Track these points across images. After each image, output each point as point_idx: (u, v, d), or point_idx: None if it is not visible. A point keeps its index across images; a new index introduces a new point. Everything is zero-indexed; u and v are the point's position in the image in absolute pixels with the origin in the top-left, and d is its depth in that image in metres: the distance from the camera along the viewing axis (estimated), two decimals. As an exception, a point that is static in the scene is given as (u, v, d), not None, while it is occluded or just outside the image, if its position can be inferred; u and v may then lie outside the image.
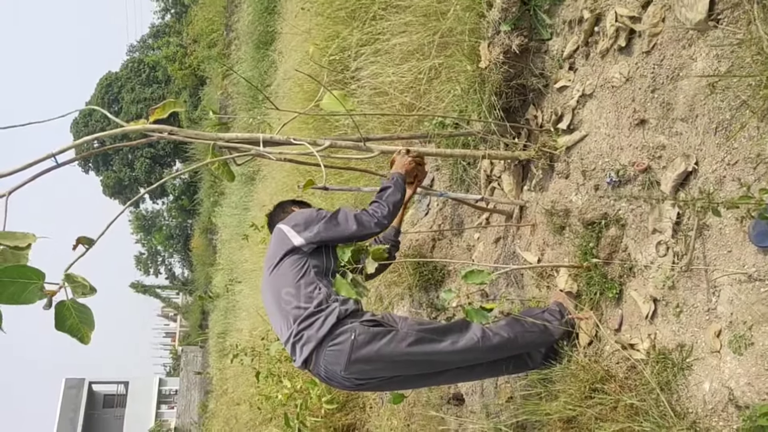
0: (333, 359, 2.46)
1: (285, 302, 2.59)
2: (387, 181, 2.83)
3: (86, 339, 1.71)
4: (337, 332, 2.46)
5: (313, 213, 2.77)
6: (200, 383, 21.28)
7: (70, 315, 1.67)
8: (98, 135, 2.09)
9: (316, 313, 2.50)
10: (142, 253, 43.13)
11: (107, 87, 34.62)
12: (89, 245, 1.72)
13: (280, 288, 2.63)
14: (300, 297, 2.56)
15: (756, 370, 1.94)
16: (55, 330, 1.70)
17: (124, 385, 34.54)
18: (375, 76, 4.41)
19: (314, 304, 2.52)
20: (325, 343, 2.46)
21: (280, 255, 2.69)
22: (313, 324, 2.48)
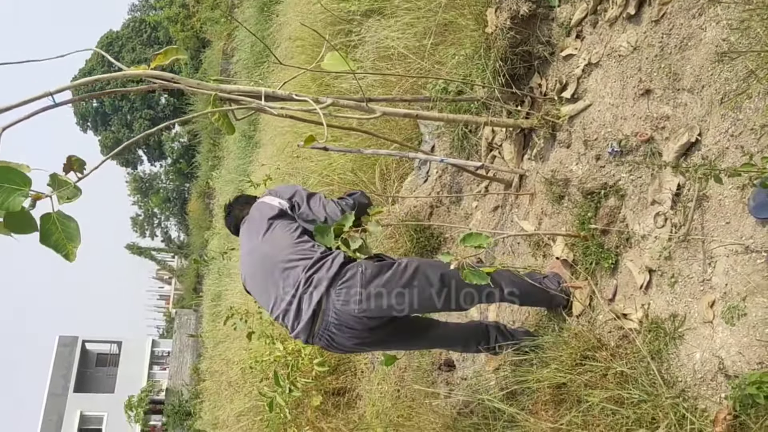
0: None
1: (287, 261, 2.62)
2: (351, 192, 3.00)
3: (71, 255, 1.66)
4: (346, 270, 2.52)
5: (294, 187, 2.88)
6: (193, 346, 21.47)
7: (55, 229, 1.62)
8: (98, 77, 2.06)
9: (323, 258, 2.57)
10: (138, 214, 43.14)
11: (108, 46, 34.28)
12: (81, 171, 1.68)
13: (276, 252, 2.67)
14: (304, 251, 2.62)
15: (747, 341, 1.96)
16: (40, 243, 1.66)
17: (117, 344, 34.74)
18: (379, 39, 4.36)
19: (319, 252, 2.60)
20: (336, 282, 2.51)
21: (268, 219, 2.77)
22: (323, 266, 2.54)
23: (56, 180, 1.59)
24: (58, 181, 1.59)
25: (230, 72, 13.50)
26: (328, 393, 5.27)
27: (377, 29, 4.49)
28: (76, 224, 1.62)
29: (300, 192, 2.88)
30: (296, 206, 2.82)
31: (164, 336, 36.66)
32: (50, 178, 1.60)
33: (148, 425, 27.47)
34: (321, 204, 2.80)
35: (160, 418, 25.93)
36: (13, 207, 1.54)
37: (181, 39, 24.13)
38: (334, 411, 5.09)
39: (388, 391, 4.44)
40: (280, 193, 2.89)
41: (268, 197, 2.90)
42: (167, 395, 24.71)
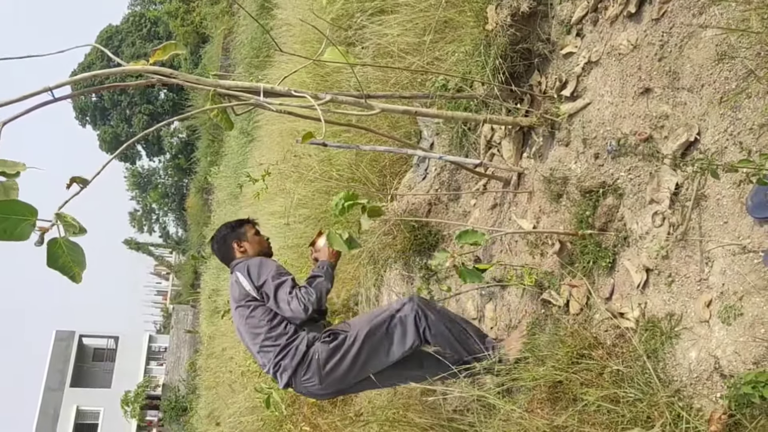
0: (308, 380, 2.97)
1: (261, 346, 3.05)
2: (318, 269, 3.18)
3: (77, 278, 1.70)
4: (308, 358, 2.95)
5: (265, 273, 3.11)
6: (190, 341, 21.46)
7: (62, 253, 1.65)
8: (97, 72, 2.05)
9: (288, 345, 2.99)
10: (136, 209, 43.11)
11: (107, 40, 34.23)
12: (83, 185, 1.69)
13: (250, 338, 3.11)
14: (273, 338, 3.02)
15: (744, 340, 1.96)
16: (47, 267, 1.69)
17: (114, 339, 34.75)
18: (379, 36, 4.35)
19: (285, 338, 3.00)
20: (300, 369, 2.96)
21: (237, 304, 3.16)
22: (287, 354, 2.98)
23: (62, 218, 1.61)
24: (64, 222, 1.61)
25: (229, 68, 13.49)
26: (324, 389, 5.27)
27: (377, 26, 4.48)
28: (81, 250, 1.65)
29: (269, 283, 3.06)
30: (264, 298, 3.08)
31: (161, 331, 36.66)
32: (56, 216, 1.62)
33: (145, 420, 27.50)
34: (286, 301, 3.00)
35: (156, 413, 25.96)
36: (22, 237, 1.57)
37: (180, 34, 24.10)
38: (330, 407, 5.09)
39: (382, 390, 4.43)
40: (252, 273, 3.12)
41: (242, 274, 3.15)
42: (164, 391, 24.73)
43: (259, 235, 3.47)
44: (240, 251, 3.37)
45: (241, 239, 3.39)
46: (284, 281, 3.06)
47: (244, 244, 3.38)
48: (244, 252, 3.36)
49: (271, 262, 3.25)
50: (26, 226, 1.58)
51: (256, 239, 3.43)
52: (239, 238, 3.39)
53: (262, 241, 3.48)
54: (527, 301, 3.12)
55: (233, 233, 3.41)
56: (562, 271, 2.87)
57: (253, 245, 3.40)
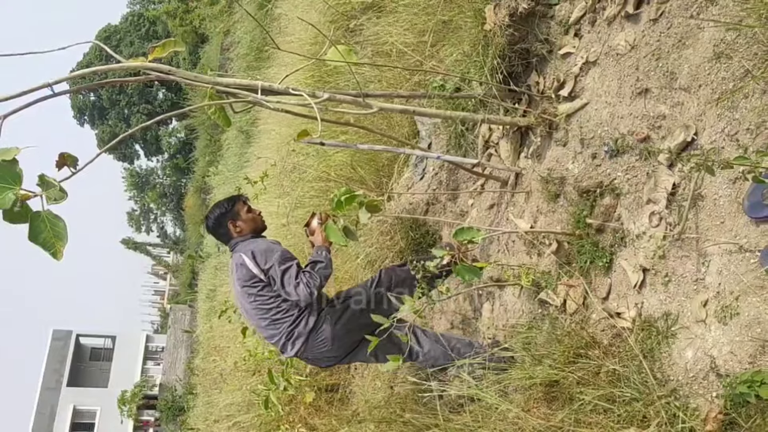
0: (321, 343, 3.24)
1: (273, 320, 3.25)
2: (317, 255, 3.28)
3: (58, 254, 1.68)
4: (320, 323, 3.23)
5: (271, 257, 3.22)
6: (187, 341, 21.43)
7: (45, 227, 1.64)
8: (96, 68, 2.05)
9: (300, 315, 3.23)
10: (134, 209, 43.05)
11: (106, 39, 34.18)
12: (74, 167, 1.69)
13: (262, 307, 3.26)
14: (284, 310, 3.23)
15: (740, 340, 1.96)
16: (29, 240, 1.68)
17: (111, 339, 34.68)
18: (378, 35, 4.36)
19: (298, 311, 3.23)
20: (312, 335, 3.22)
21: (242, 285, 3.26)
22: (300, 323, 3.22)
23: (44, 181, 1.59)
24: (45, 182, 1.59)
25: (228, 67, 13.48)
26: (321, 389, 5.27)
27: (376, 25, 4.48)
28: (64, 224, 1.64)
29: (276, 268, 3.18)
30: (271, 281, 3.21)
31: (159, 331, 36.62)
32: (38, 178, 1.61)
33: (141, 420, 27.46)
34: (293, 286, 3.14)
35: (153, 413, 25.92)
36: (2, 204, 1.54)
37: (179, 34, 24.07)
38: (327, 407, 5.09)
39: (381, 387, 4.44)
40: (258, 258, 3.22)
41: (247, 257, 3.23)
42: (161, 390, 24.68)
43: (251, 212, 3.54)
44: (236, 231, 3.45)
45: (235, 219, 3.46)
46: (289, 266, 3.18)
47: (239, 224, 3.45)
48: (240, 231, 3.45)
49: (276, 246, 3.32)
50: (8, 194, 1.57)
51: (249, 216, 3.50)
52: (234, 218, 3.46)
53: (256, 217, 3.54)
54: (524, 301, 3.13)
55: (228, 214, 3.47)
56: (560, 271, 2.88)
57: (248, 223, 3.47)
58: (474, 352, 3.22)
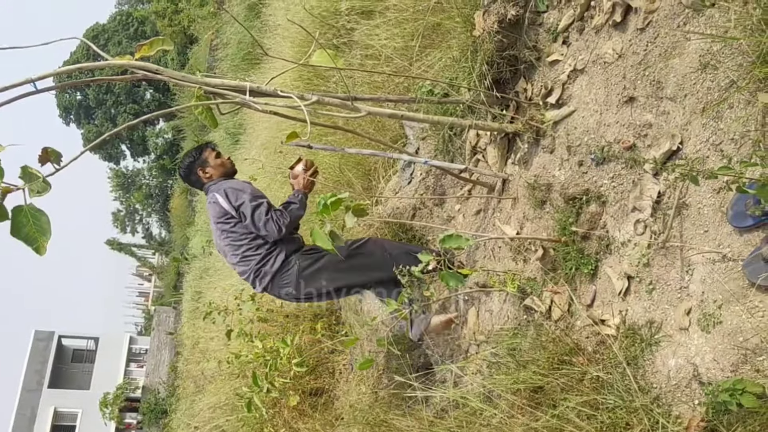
0: (286, 284, 3.45)
1: (239, 262, 3.48)
2: (293, 197, 3.49)
3: (42, 249, 1.66)
4: (286, 266, 3.43)
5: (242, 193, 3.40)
6: (171, 344, 21.24)
7: (27, 222, 1.62)
8: (81, 65, 2.03)
9: (269, 254, 3.43)
10: (119, 210, 42.72)
11: (93, 38, 33.92)
12: (58, 162, 1.67)
13: (233, 243, 3.46)
14: (254, 247, 3.43)
15: (722, 348, 1.97)
16: (11, 235, 1.65)
17: (94, 340, 34.34)
18: (367, 37, 4.36)
19: (266, 248, 3.43)
20: (278, 275, 3.44)
21: (216, 221, 3.47)
22: (267, 262, 3.43)
23: (27, 173, 1.57)
24: (29, 174, 1.57)
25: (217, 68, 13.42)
26: (305, 393, 5.24)
27: (365, 29, 4.48)
28: (47, 218, 1.62)
29: (246, 204, 3.37)
30: (241, 217, 3.40)
31: (142, 333, 36.31)
32: (21, 170, 1.58)
33: (123, 423, 27.18)
34: (263, 222, 3.34)
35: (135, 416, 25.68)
36: None
37: (168, 34, 23.94)
38: (311, 411, 5.07)
39: (365, 392, 4.42)
40: (230, 195, 3.41)
41: (220, 195, 3.43)
42: (143, 393, 24.47)
43: (220, 157, 3.70)
44: (206, 177, 3.63)
45: (204, 166, 3.63)
46: (260, 203, 3.38)
47: (209, 170, 3.63)
48: (210, 177, 3.63)
49: (246, 185, 3.50)
50: None
51: (218, 162, 3.66)
52: (203, 165, 3.64)
53: (225, 162, 3.70)
54: (509, 307, 3.13)
55: (197, 161, 3.64)
56: (545, 278, 2.88)
57: (217, 168, 3.65)
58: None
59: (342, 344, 4.82)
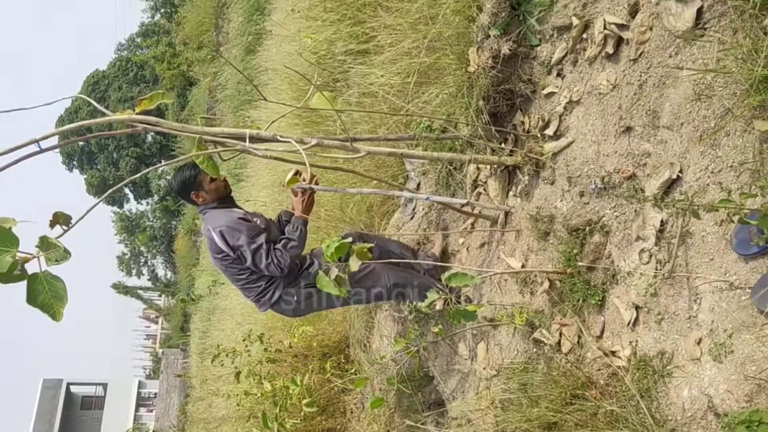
0: (285, 310, 3.67)
1: (243, 287, 3.60)
2: (291, 231, 3.47)
3: (58, 315, 1.65)
4: (285, 296, 3.56)
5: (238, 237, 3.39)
6: (180, 386, 21.06)
7: (43, 289, 1.61)
8: (83, 123, 2.05)
9: (267, 287, 3.54)
10: (124, 253, 42.75)
11: (94, 85, 34.36)
12: (67, 224, 1.68)
13: (233, 277, 3.59)
14: (253, 281, 3.53)
15: (735, 378, 1.95)
16: (27, 304, 1.65)
17: (102, 386, 34.14)
18: (363, 77, 4.41)
19: (264, 283, 3.53)
20: (277, 304, 3.59)
21: (213, 255, 3.55)
22: (266, 294, 3.55)
23: (45, 242, 1.58)
24: (47, 243, 1.58)
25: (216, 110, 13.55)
26: (316, 434, 5.18)
27: (362, 68, 4.54)
28: (63, 284, 1.61)
29: (245, 248, 3.37)
30: (241, 259, 3.42)
31: (151, 377, 36.03)
32: (39, 240, 1.59)
33: (135, 469, 26.84)
34: (265, 265, 3.38)
35: (146, 461, 25.35)
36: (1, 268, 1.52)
37: (167, 77, 24.24)
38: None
39: (377, 431, 4.37)
40: (226, 235, 3.39)
41: (215, 233, 3.42)
42: (154, 437, 24.18)
43: (214, 181, 3.58)
44: (200, 200, 3.60)
45: (198, 190, 3.56)
46: (259, 246, 3.39)
47: (202, 194, 3.58)
48: (204, 201, 3.60)
49: (242, 225, 3.44)
50: (6, 257, 1.55)
51: (212, 186, 3.58)
52: (197, 189, 3.56)
53: (219, 186, 3.62)
54: (519, 340, 3.11)
55: (191, 185, 3.56)
56: (553, 310, 2.87)
57: (211, 193, 3.59)
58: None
59: (352, 383, 4.77)
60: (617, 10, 2.62)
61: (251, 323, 6.93)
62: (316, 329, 5.37)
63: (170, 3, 29.22)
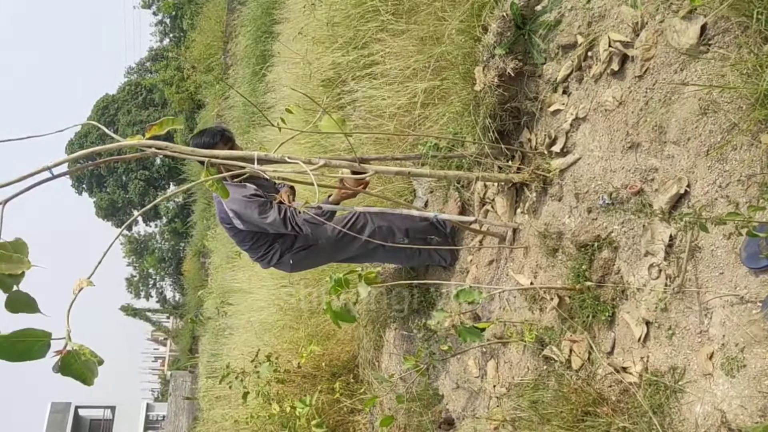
0: (282, 269, 4.02)
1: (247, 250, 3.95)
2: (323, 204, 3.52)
3: (89, 381, 1.73)
4: (281, 260, 3.86)
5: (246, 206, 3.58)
6: (188, 408, 20.96)
7: (75, 362, 1.68)
8: (94, 149, 2.08)
9: (267, 252, 3.84)
10: (133, 275, 42.82)
11: (104, 109, 34.69)
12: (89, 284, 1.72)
13: (236, 240, 3.92)
14: (254, 248, 3.85)
15: (748, 393, 1.93)
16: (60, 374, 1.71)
17: (110, 409, 34.02)
18: (370, 98, 4.44)
19: (264, 249, 3.83)
20: (276, 265, 3.92)
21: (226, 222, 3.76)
22: (266, 257, 3.86)
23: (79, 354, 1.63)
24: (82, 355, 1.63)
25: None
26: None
27: (367, 88, 4.58)
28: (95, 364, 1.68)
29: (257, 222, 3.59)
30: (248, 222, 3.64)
31: (159, 399, 35.89)
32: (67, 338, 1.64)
33: (143, 493, 26.64)
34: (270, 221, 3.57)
35: (155, 485, 25.16)
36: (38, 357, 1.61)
37: (176, 101, 24.44)
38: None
39: (388, 452, 4.33)
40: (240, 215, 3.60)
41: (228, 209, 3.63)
42: (162, 461, 24.02)
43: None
44: None
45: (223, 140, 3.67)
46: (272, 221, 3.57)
47: None
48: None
49: (253, 202, 3.58)
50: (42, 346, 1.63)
51: None
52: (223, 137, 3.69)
53: None
54: (529, 358, 3.09)
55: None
56: (562, 326, 2.86)
57: None
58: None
59: (362, 403, 4.75)
60: (622, 28, 2.65)
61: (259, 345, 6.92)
62: (324, 348, 5.35)
63: (179, 27, 29.58)
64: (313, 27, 6.06)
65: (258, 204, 3.58)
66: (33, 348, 1.60)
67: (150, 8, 30.09)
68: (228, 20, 16.77)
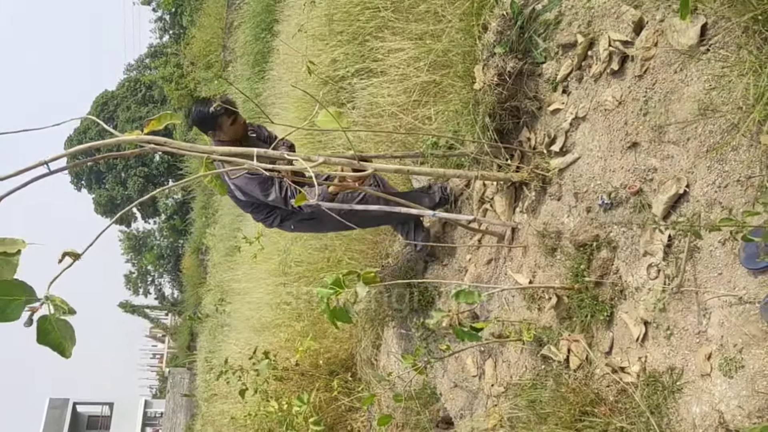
0: (284, 230, 4.17)
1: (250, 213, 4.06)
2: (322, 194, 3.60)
3: (67, 353, 1.71)
4: (282, 224, 3.98)
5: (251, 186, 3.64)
6: (186, 406, 20.97)
7: (53, 329, 1.67)
8: (92, 144, 2.08)
9: (267, 215, 3.95)
10: (131, 272, 42.81)
11: (103, 105, 34.67)
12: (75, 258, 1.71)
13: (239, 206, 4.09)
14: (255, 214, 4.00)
15: (746, 393, 1.93)
16: (37, 343, 1.70)
17: (108, 406, 34.03)
18: (370, 96, 4.44)
19: (264, 213, 3.94)
20: (278, 227, 4.02)
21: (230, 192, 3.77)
22: (267, 220, 3.99)
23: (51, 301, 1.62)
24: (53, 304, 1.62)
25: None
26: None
27: (367, 86, 4.57)
28: (71, 327, 1.67)
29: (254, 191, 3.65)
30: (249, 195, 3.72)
31: (157, 396, 35.90)
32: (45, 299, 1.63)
33: (140, 490, 26.66)
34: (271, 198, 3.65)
35: (152, 482, 25.18)
36: (13, 317, 1.59)
37: (175, 97, 24.39)
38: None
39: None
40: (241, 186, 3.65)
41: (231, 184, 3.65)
42: (160, 457, 24.04)
43: (235, 123, 3.65)
44: (216, 138, 3.67)
45: (216, 130, 3.64)
46: (275, 199, 3.66)
47: (219, 134, 3.65)
48: (220, 140, 3.65)
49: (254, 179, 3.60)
50: (17, 306, 1.60)
51: (231, 129, 3.66)
52: (214, 128, 3.64)
53: (238, 130, 3.70)
54: (527, 357, 3.09)
55: (210, 123, 3.62)
56: (561, 326, 2.86)
57: (228, 134, 3.66)
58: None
59: (359, 401, 4.75)
60: (622, 28, 2.64)
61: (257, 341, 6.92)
62: (321, 346, 5.35)
63: (179, 24, 29.53)
64: (313, 24, 6.04)
65: (259, 181, 3.61)
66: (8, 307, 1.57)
67: (150, 5, 30.03)
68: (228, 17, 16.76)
